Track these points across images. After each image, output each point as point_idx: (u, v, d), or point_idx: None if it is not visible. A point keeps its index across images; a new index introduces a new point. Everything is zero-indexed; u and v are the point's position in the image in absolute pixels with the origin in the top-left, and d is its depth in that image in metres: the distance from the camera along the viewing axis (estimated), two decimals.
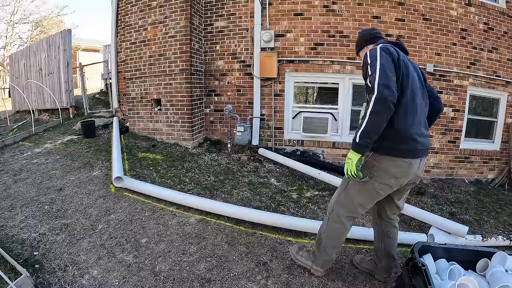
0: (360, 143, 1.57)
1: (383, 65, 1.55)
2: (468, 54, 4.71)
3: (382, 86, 1.50)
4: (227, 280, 2.06)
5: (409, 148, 1.66)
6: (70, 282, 1.98)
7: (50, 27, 18.03)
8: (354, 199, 1.81)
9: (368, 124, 1.53)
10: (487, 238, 2.80)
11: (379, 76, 1.53)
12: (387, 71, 1.54)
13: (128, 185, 3.21)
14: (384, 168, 1.68)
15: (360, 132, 1.56)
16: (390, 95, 1.50)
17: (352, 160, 1.61)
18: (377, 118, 1.51)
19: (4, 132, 6.33)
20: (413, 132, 1.65)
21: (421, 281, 1.59)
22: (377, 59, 1.58)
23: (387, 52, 1.62)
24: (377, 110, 1.50)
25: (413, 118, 1.66)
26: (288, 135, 4.91)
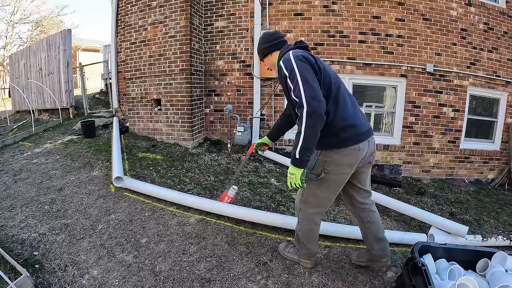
0: (301, 159, 1.59)
1: (304, 76, 1.55)
2: (468, 54, 4.71)
3: (311, 99, 1.51)
4: (227, 280, 2.06)
5: (351, 135, 1.69)
6: (70, 282, 1.98)
7: (50, 27, 18.03)
8: (318, 195, 1.84)
9: (306, 139, 1.55)
10: (487, 238, 2.80)
11: (304, 89, 1.53)
12: (310, 82, 1.54)
13: (128, 185, 3.21)
14: (336, 161, 1.72)
15: (299, 149, 1.58)
16: (320, 106, 1.52)
17: (295, 175, 1.63)
18: (312, 131, 1.54)
19: (4, 132, 6.33)
20: (351, 120, 1.69)
21: (421, 281, 1.59)
22: (295, 70, 1.57)
23: (302, 60, 1.61)
24: (311, 124, 1.53)
25: (346, 108, 1.70)
26: (288, 135, 4.91)
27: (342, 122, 1.67)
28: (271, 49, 1.89)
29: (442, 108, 4.73)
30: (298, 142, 1.58)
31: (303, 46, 1.80)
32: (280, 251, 2.32)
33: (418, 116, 4.69)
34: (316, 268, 2.23)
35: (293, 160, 1.62)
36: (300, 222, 2.00)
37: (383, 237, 2.03)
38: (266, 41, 1.89)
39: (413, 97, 4.65)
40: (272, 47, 1.88)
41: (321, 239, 2.59)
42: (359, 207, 2.00)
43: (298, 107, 1.57)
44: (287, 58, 1.65)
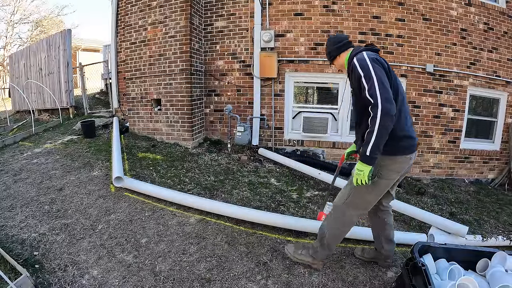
0: (372, 156, 1.66)
1: (380, 78, 1.63)
2: (468, 54, 4.71)
3: (385, 101, 1.59)
4: (227, 280, 2.06)
5: (408, 145, 1.81)
6: (70, 282, 1.98)
7: (50, 27, 18.02)
8: (366, 198, 1.89)
9: (378, 138, 1.63)
10: (487, 238, 2.80)
11: (380, 91, 1.61)
12: (385, 84, 1.63)
13: (128, 185, 3.21)
14: (390, 166, 1.81)
15: (371, 146, 1.64)
16: (393, 108, 1.61)
17: (363, 171, 1.70)
18: (384, 131, 1.62)
19: (4, 132, 6.33)
20: (408, 131, 1.81)
21: (421, 281, 1.59)
22: (371, 71, 1.66)
23: (377, 63, 1.69)
24: (384, 123, 1.61)
25: (406, 119, 1.82)
26: (288, 135, 4.91)
27: (401, 131, 1.77)
28: (339, 51, 1.97)
29: (442, 108, 4.73)
30: (370, 140, 1.64)
31: (375, 49, 1.87)
32: (289, 254, 2.23)
33: (418, 116, 4.69)
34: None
35: (364, 157, 1.68)
36: (334, 222, 1.99)
37: (393, 239, 2.15)
38: (333, 44, 1.99)
39: (413, 97, 4.65)
40: (339, 49, 1.97)
41: None
42: (381, 209, 2.11)
43: (372, 106, 1.64)
44: (361, 58, 1.72)
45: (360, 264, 2.30)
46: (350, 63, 1.82)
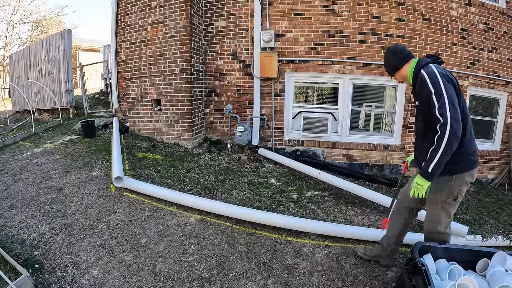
0: (433, 173, 1.71)
1: (450, 97, 1.65)
2: (468, 54, 4.71)
3: (454, 121, 1.62)
4: (227, 280, 2.06)
5: (475, 159, 1.89)
6: (70, 282, 1.98)
7: (50, 27, 18.01)
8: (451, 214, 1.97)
9: (443, 156, 1.67)
10: (487, 238, 2.80)
11: (450, 110, 1.63)
12: (455, 104, 1.65)
13: (128, 185, 3.21)
14: (466, 182, 1.89)
15: (435, 164, 1.68)
16: (460, 129, 1.64)
17: (423, 186, 1.75)
18: (450, 150, 1.66)
19: (4, 132, 6.33)
20: (474, 145, 1.89)
21: (421, 281, 1.59)
22: (442, 88, 1.66)
23: (447, 79, 1.70)
24: (451, 144, 1.65)
25: (472, 135, 1.88)
26: (288, 135, 4.91)
27: (471, 147, 1.84)
28: (402, 63, 1.95)
29: None
30: (434, 158, 1.68)
31: (440, 62, 1.86)
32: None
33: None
34: (316, 268, 2.23)
35: (425, 173, 1.72)
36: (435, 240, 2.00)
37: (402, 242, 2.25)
38: (396, 56, 1.96)
39: None
40: (403, 61, 1.95)
41: (321, 239, 2.59)
42: (415, 213, 2.16)
43: (441, 125, 1.66)
44: (432, 73, 1.72)
45: (360, 264, 2.30)
46: (416, 75, 1.82)
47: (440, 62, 1.86)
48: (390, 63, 1.99)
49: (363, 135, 4.80)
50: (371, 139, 4.72)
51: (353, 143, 4.68)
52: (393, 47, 2.01)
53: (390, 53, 1.99)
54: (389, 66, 2.02)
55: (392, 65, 1.99)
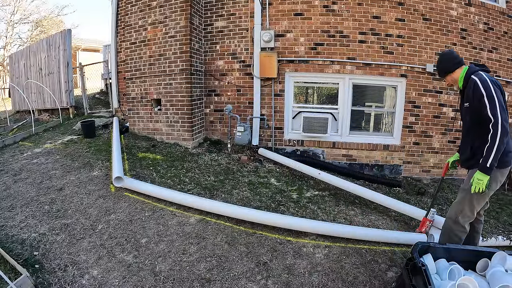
0: (491, 167, 1.93)
1: (500, 101, 1.91)
2: (468, 54, 4.70)
3: (504, 121, 1.88)
4: (227, 280, 2.06)
5: (508, 159, 2.05)
6: (70, 282, 1.98)
7: (50, 27, 18.00)
8: (475, 207, 2.12)
9: (497, 151, 1.91)
10: (487, 238, 2.80)
11: (501, 112, 1.89)
12: (504, 106, 1.92)
13: (128, 185, 3.21)
14: (496, 178, 2.06)
15: (492, 159, 1.91)
16: (509, 127, 1.90)
17: (483, 181, 1.95)
18: (502, 146, 1.91)
19: (4, 132, 6.33)
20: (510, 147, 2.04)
21: (421, 281, 1.59)
22: (493, 93, 1.91)
23: (497, 85, 1.96)
24: (503, 140, 1.89)
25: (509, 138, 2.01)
26: (288, 135, 4.91)
27: (508, 147, 2.01)
28: (455, 67, 2.16)
29: (442, 108, 4.73)
30: (490, 154, 1.92)
31: (488, 70, 2.11)
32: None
33: (418, 116, 4.69)
34: (316, 268, 2.23)
35: (484, 168, 1.95)
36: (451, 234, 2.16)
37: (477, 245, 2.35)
38: (450, 61, 2.18)
39: (413, 97, 4.65)
40: (455, 66, 2.16)
41: (321, 239, 2.59)
42: (477, 218, 2.28)
43: (493, 124, 1.90)
44: (483, 79, 1.96)
45: (360, 264, 2.30)
46: (467, 80, 2.05)
47: (488, 71, 2.09)
48: (444, 66, 2.21)
49: (363, 135, 4.80)
50: (371, 139, 4.72)
51: (353, 143, 4.68)
52: (449, 52, 2.24)
53: (445, 57, 2.21)
54: (442, 68, 2.23)
55: (445, 68, 2.20)
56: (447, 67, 2.19)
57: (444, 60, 2.20)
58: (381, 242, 2.61)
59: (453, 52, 2.22)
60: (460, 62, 2.16)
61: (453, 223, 2.14)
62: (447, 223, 2.20)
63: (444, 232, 2.23)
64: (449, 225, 2.18)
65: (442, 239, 2.24)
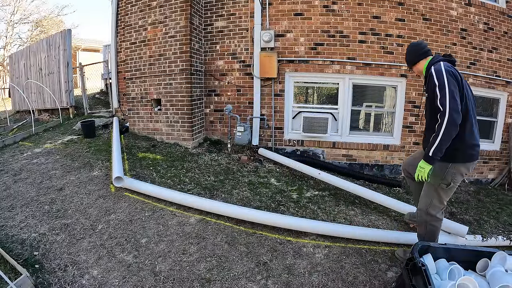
0: (433, 157, 1.94)
1: (452, 91, 1.87)
2: (468, 54, 4.71)
3: (452, 111, 1.85)
4: (227, 280, 2.06)
5: (474, 153, 2.05)
6: (70, 282, 1.98)
7: (50, 27, 18.00)
8: (443, 199, 2.16)
9: (441, 142, 1.89)
10: (487, 238, 2.80)
11: (450, 101, 1.86)
12: (456, 96, 1.88)
13: (128, 185, 3.21)
14: (461, 172, 2.07)
15: (434, 148, 1.92)
16: (458, 118, 1.86)
17: (424, 169, 1.98)
18: (448, 137, 1.89)
19: (4, 132, 6.33)
20: (476, 141, 2.04)
21: (421, 281, 1.59)
22: (445, 82, 1.89)
23: (452, 76, 1.92)
24: (448, 131, 1.87)
25: (475, 130, 2.03)
26: (288, 135, 4.91)
27: (471, 140, 2.01)
28: (419, 58, 2.19)
29: None
30: (434, 143, 1.91)
31: (452, 60, 2.08)
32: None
33: (418, 116, 4.69)
34: (316, 268, 2.23)
35: (426, 157, 1.97)
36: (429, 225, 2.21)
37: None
38: (414, 52, 2.21)
39: (413, 97, 4.65)
40: (419, 57, 2.19)
41: (321, 239, 2.59)
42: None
43: (441, 114, 1.89)
44: (439, 69, 1.94)
45: (360, 264, 2.30)
46: (428, 70, 2.03)
47: (452, 61, 2.06)
48: (409, 58, 2.24)
49: (363, 135, 4.80)
50: (371, 139, 4.72)
51: (353, 143, 4.68)
52: (416, 43, 2.26)
53: (411, 48, 2.23)
54: (408, 60, 2.27)
55: (410, 59, 2.24)
56: (412, 58, 2.22)
57: (409, 52, 2.24)
58: (381, 242, 2.61)
59: (420, 44, 2.23)
60: (425, 53, 2.16)
61: (426, 215, 2.19)
62: (420, 215, 2.24)
63: (420, 224, 2.27)
64: (422, 217, 2.22)
65: (419, 230, 2.30)
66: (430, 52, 2.18)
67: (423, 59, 2.17)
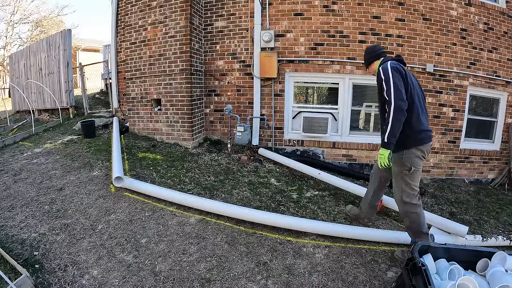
0: (388, 142, 2.18)
1: (396, 83, 2.12)
2: (468, 54, 4.71)
3: (397, 99, 2.10)
4: (227, 280, 2.06)
5: (426, 136, 2.28)
6: (70, 282, 1.98)
7: (50, 27, 18.00)
8: (411, 184, 2.32)
9: (392, 128, 2.13)
10: (487, 238, 2.80)
11: (394, 91, 2.11)
12: (400, 88, 2.12)
13: (128, 185, 3.21)
14: (416, 155, 2.27)
15: (387, 135, 2.16)
16: (404, 104, 2.11)
17: (384, 155, 2.22)
18: (397, 122, 2.12)
19: (4, 132, 6.33)
20: (424, 126, 2.27)
21: (421, 281, 1.59)
22: (390, 77, 2.14)
23: (397, 71, 2.16)
24: (396, 117, 2.11)
25: (423, 117, 2.27)
26: (288, 135, 4.91)
27: (418, 126, 2.24)
28: (373, 60, 2.46)
29: (442, 108, 4.73)
30: (386, 130, 2.15)
31: (400, 60, 2.35)
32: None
33: None
34: (316, 268, 2.23)
35: (383, 143, 2.22)
36: (409, 214, 2.36)
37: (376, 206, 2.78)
38: (369, 53, 2.50)
39: None
40: (373, 58, 2.47)
41: (321, 239, 2.59)
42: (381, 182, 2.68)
43: (387, 104, 2.14)
44: (385, 67, 2.20)
45: (360, 264, 2.30)
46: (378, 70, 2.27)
47: (400, 61, 2.33)
48: (366, 59, 2.53)
49: (363, 135, 4.80)
50: (371, 139, 4.72)
51: (353, 143, 4.68)
52: (372, 46, 2.57)
53: (367, 51, 2.53)
54: (364, 60, 2.55)
55: (366, 60, 2.53)
56: (367, 59, 2.50)
57: (366, 54, 2.52)
58: (381, 242, 2.61)
59: (375, 47, 2.52)
60: (379, 55, 2.43)
61: (403, 204, 2.34)
62: (399, 206, 2.42)
63: (402, 215, 2.42)
64: (402, 208, 2.38)
65: (405, 223, 2.44)
66: (383, 54, 2.44)
67: (376, 60, 2.43)
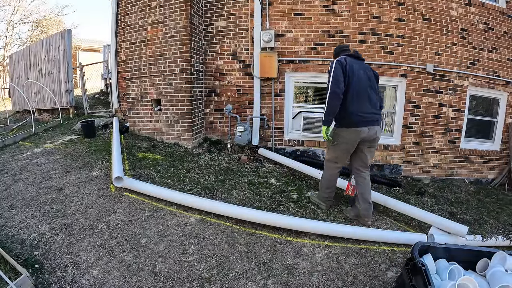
0: (326, 120, 2.76)
1: (336, 74, 2.64)
2: (468, 54, 4.71)
3: (334, 85, 2.64)
4: (227, 280, 2.06)
5: (355, 121, 2.71)
6: (70, 282, 1.98)
7: (50, 27, 17.99)
8: (334, 154, 2.96)
9: (328, 108, 2.70)
10: (487, 238, 2.80)
11: (332, 80, 2.65)
12: (338, 77, 2.63)
13: (128, 185, 3.21)
14: (342, 135, 2.82)
15: (324, 113, 2.75)
16: (338, 90, 2.63)
17: (323, 130, 2.82)
18: (333, 103, 2.67)
19: (4, 132, 6.33)
20: (357, 111, 2.70)
21: (421, 281, 1.59)
22: (333, 68, 2.67)
23: (340, 64, 2.66)
24: (331, 100, 2.67)
25: (358, 103, 2.70)
26: (288, 135, 4.91)
27: (352, 109, 2.69)
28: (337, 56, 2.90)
29: (442, 108, 4.73)
30: (325, 110, 2.73)
31: (351, 55, 2.84)
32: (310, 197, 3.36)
33: (418, 116, 4.70)
34: (316, 268, 2.23)
35: (322, 121, 2.79)
36: (324, 171, 3.09)
37: (369, 201, 2.90)
38: (335, 51, 3.02)
39: (413, 97, 4.65)
40: (336, 55, 2.95)
41: (321, 239, 2.59)
42: (356, 172, 2.98)
43: (327, 90, 2.66)
44: (333, 61, 2.72)
45: (360, 264, 2.30)
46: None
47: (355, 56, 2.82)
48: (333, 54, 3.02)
49: None
50: None
51: None
52: (339, 44, 3.10)
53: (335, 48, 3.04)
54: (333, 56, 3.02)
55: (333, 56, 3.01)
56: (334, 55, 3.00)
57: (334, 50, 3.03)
58: (381, 242, 2.61)
59: (341, 45, 3.03)
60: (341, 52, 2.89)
61: (326, 161, 3.05)
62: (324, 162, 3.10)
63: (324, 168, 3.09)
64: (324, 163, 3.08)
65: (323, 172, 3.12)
66: (346, 51, 2.89)
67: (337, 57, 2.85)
